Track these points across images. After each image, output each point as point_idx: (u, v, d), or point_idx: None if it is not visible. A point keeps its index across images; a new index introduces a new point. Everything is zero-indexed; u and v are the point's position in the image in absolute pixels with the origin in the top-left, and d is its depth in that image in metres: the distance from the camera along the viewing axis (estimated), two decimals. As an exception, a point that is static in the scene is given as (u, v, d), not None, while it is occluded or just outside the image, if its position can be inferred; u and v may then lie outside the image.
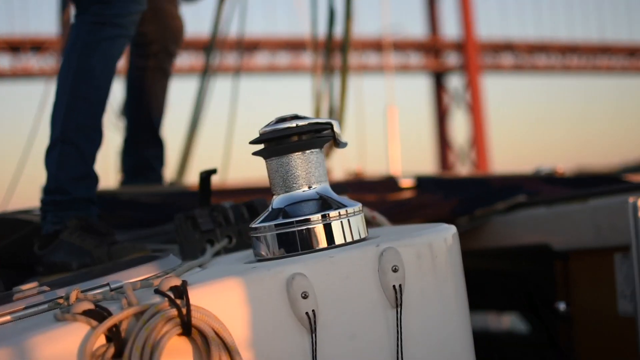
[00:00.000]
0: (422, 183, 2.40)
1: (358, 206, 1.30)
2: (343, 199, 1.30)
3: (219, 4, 3.50)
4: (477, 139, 37.38)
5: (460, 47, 37.80)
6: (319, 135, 1.30)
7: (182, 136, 3.73)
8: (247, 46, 41.07)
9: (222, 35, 3.54)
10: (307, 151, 1.29)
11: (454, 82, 38.99)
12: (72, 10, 3.60)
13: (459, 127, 39.34)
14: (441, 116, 39.24)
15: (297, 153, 1.28)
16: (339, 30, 3.04)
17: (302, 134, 1.28)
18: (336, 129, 1.31)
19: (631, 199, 1.66)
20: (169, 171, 3.52)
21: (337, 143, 1.33)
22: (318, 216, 1.26)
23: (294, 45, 35.96)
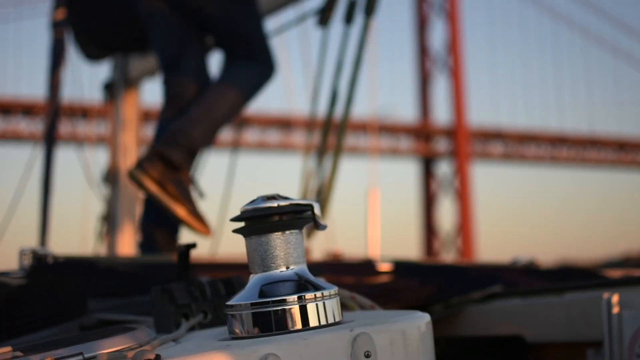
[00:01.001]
0: (400, 268, 2.42)
1: (334, 289, 1.31)
2: (320, 281, 1.31)
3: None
4: (464, 226, 37.43)
5: (451, 133, 38.16)
6: (300, 217, 1.32)
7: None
8: (239, 121, 41.33)
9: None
10: (287, 232, 1.31)
11: (443, 168, 39.24)
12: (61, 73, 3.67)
13: (446, 214, 39.44)
14: (428, 202, 39.36)
15: (276, 233, 1.30)
16: (334, 111, 3.07)
17: (282, 214, 1.31)
18: (317, 211, 1.33)
19: (605, 295, 1.67)
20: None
21: (317, 225, 1.36)
22: (294, 297, 1.27)
23: (284, 123, 36.22)
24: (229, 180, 3.78)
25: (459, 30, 39.23)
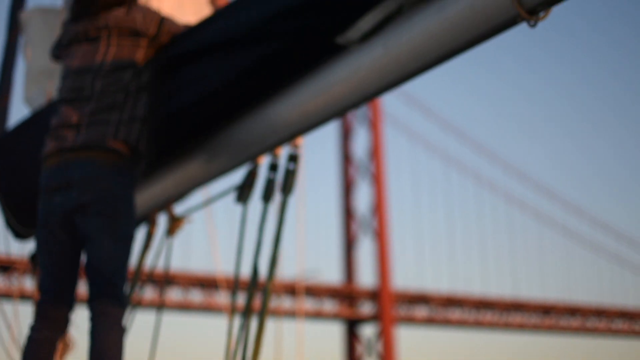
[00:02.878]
0: None
1: None
2: None
3: (146, 240, 3.57)
4: (388, 390, 37.04)
5: (375, 296, 38.28)
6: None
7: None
8: (168, 281, 40.89)
9: (144, 269, 3.59)
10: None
11: (367, 331, 39.13)
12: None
13: (370, 377, 39.01)
14: (353, 364, 38.95)
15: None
16: (254, 287, 3.11)
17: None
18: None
19: None
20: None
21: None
22: None
23: (208, 283, 36.00)
24: (154, 341, 3.72)
25: (384, 192, 40.09)
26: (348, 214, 40.95)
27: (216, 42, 2.87)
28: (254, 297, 3.11)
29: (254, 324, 3.14)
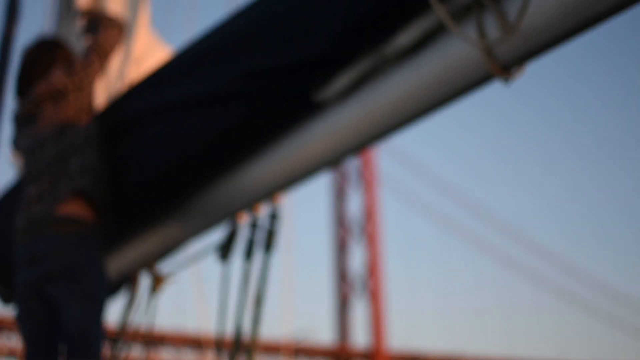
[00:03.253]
0: None
1: None
2: None
3: (129, 300, 3.55)
4: None
5: (370, 356, 37.94)
6: None
7: None
8: (153, 340, 40.59)
9: (130, 327, 3.55)
10: None
11: (362, 392, 38.70)
12: None
13: None
14: None
15: None
16: (238, 348, 3.08)
17: None
18: None
19: None
20: None
21: None
22: None
23: (200, 343, 35.64)
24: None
25: (379, 252, 40.02)
26: (341, 274, 40.80)
27: (185, 99, 2.86)
28: (238, 357, 3.09)
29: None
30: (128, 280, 3.56)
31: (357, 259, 40.94)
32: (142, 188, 3.11)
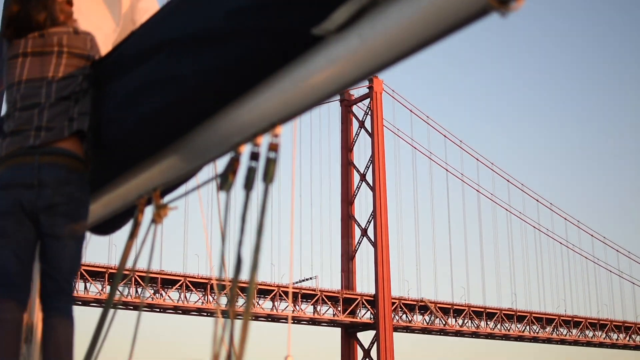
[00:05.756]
0: None
1: None
2: None
3: (128, 240, 3.61)
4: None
5: (374, 302, 38.28)
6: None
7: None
8: (161, 282, 40.96)
9: (130, 268, 3.61)
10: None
11: (366, 337, 39.11)
12: None
13: (367, 384, 38.98)
14: (350, 371, 38.92)
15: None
16: (238, 276, 3.13)
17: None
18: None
19: None
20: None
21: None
22: None
23: (204, 287, 35.95)
24: (133, 341, 3.74)
25: (384, 201, 40.09)
26: (348, 222, 40.92)
27: (184, 36, 2.95)
28: (235, 298, 3.13)
29: (238, 322, 3.16)
30: (131, 213, 3.63)
31: (364, 208, 41.04)
32: (146, 123, 3.22)
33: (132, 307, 38.92)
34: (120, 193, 3.55)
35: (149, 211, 3.59)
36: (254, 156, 2.94)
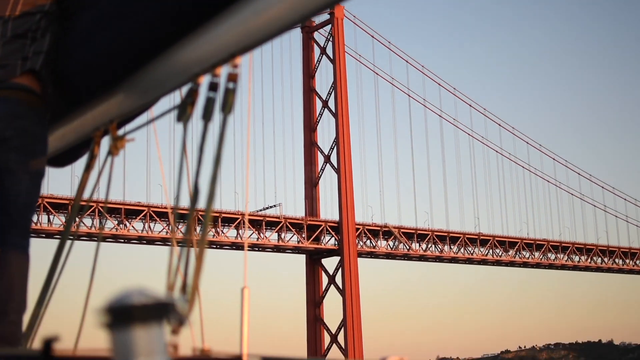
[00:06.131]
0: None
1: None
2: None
3: (84, 171, 3.57)
4: (349, 322, 37.52)
5: (337, 229, 38.55)
6: (161, 311, 1.35)
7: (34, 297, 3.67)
8: (124, 213, 40.91)
9: (88, 199, 3.58)
10: (148, 326, 1.33)
11: (330, 264, 39.45)
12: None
13: (333, 308, 39.47)
14: (315, 297, 39.38)
15: (137, 327, 1.33)
16: (194, 207, 3.12)
17: (143, 308, 1.33)
18: (180, 307, 1.36)
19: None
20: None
21: (179, 321, 1.39)
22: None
23: (168, 217, 35.87)
24: (92, 271, 3.72)
25: (346, 128, 40.07)
26: (311, 149, 40.93)
27: None
28: (192, 229, 3.11)
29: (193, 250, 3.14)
30: (87, 145, 3.58)
31: (327, 134, 41.02)
32: (103, 56, 3.19)
33: (95, 239, 38.90)
34: (76, 125, 3.50)
35: (106, 143, 3.54)
36: (213, 87, 2.90)
